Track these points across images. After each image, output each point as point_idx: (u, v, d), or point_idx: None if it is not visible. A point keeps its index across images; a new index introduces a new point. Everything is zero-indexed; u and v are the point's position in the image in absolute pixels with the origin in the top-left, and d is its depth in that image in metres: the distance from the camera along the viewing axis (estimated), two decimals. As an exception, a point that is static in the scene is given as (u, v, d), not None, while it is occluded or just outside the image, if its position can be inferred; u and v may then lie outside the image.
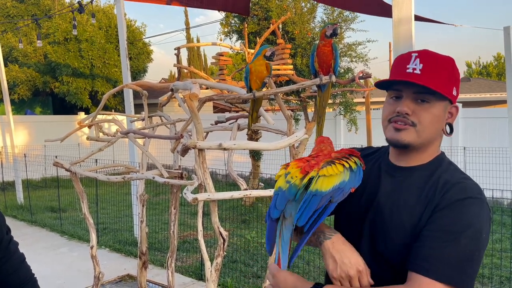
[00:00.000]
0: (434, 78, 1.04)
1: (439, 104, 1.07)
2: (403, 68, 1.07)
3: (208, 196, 2.11)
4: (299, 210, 1.07)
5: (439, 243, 0.97)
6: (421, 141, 1.08)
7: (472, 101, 16.05)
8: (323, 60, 2.00)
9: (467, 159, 8.16)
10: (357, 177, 1.13)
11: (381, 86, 1.14)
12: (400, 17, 2.62)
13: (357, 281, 1.02)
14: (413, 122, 1.06)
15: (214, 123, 3.05)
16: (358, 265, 1.03)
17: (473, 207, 1.00)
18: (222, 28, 8.77)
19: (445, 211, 1.00)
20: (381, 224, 1.10)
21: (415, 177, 1.10)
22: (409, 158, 1.13)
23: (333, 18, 7.99)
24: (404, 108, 1.06)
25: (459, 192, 1.02)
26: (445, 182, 1.05)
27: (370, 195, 1.15)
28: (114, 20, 14.85)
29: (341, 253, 1.05)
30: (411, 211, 1.05)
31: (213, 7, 7.03)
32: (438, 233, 0.99)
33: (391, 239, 1.07)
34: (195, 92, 1.98)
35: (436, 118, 1.07)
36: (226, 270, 4.63)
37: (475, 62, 29.17)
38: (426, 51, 1.09)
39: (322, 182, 1.08)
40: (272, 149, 2.19)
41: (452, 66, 1.09)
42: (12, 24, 14.48)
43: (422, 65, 1.05)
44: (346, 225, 1.20)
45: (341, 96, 8.16)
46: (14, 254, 1.34)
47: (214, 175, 10.57)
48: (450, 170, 1.10)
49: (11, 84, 14.33)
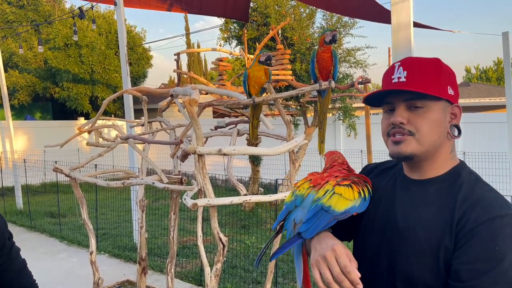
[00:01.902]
0: (421, 81, 1.00)
1: (435, 106, 1.01)
2: (389, 80, 1.05)
3: (208, 202, 2.11)
4: (308, 222, 1.04)
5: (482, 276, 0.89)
6: (425, 149, 1.02)
7: (472, 106, 16.09)
8: (322, 66, 2.01)
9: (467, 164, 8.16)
10: (365, 205, 1.10)
11: (372, 103, 1.11)
12: (399, 23, 2.64)
13: (334, 262, 0.93)
14: (410, 131, 1.01)
15: (214, 128, 3.06)
16: (334, 244, 0.96)
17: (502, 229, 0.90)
18: (222, 34, 8.81)
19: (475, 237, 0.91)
20: (398, 241, 1.03)
21: (431, 190, 1.03)
22: (421, 170, 1.06)
23: (332, 23, 8.03)
24: (397, 118, 1.02)
25: (480, 213, 0.93)
26: (465, 197, 0.97)
27: (386, 211, 1.10)
28: (114, 26, 14.91)
29: (321, 242, 1.01)
30: (428, 229, 0.98)
31: (213, 13, 7.07)
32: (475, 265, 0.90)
33: (408, 258, 1.00)
34: (195, 97, 1.98)
35: (435, 122, 1.01)
36: (225, 276, 4.62)
37: (475, 67, 29.27)
38: (408, 58, 1.06)
39: (337, 201, 1.05)
40: (272, 154, 2.19)
41: (438, 65, 1.04)
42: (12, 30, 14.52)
43: (406, 72, 1.02)
44: (361, 242, 1.15)
45: (340, 101, 8.19)
46: (16, 260, 1.34)
47: (214, 180, 10.56)
48: (470, 182, 1.01)
49: (11, 90, 14.36)
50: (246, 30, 7.59)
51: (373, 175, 1.22)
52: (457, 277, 0.92)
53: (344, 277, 0.91)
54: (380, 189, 1.14)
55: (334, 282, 0.91)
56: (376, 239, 1.09)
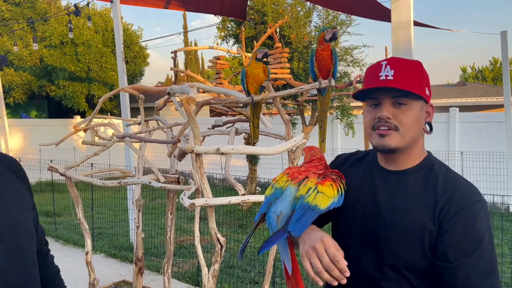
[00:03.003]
0: (407, 81, 1.10)
1: (416, 104, 1.12)
2: (376, 76, 1.12)
3: (206, 202, 2.07)
4: (298, 222, 1.11)
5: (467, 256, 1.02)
6: (406, 143, 1.12)
7: (468, 105, 16.12)
8: (322, 64, 1.98)
9: (464, 163, 8.16)
10: (342, 200, 1.20)
11: (357, 97, 1.19)
12: (399, 22, 2.61)
13: (324, 252, 1.01)
14: (396, 126, 1.11)
15: (211, 127, 3.02)
16: (322, 236, 1.05)
17: (480, 212, 1.06)
18: (219, 32, 8.76)
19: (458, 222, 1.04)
20: (384, 230, 1.12)
21: (409, 180, 1.15)
22: (398, 161, 1.17)
23: (328, 22, 8.00)
24: (385, 113, 1.11)
25: (461, 199, 1.06)
26: (444, 187, 1.10)
27: (368, 200, 1.18)
28: (110, 24, 14.81)
29: (309, 234, 1.09)
30: (412, 216, 1.09)
31: (210, 11, 7.03)
32: (461, 246, 1.03)
33: (396, 247, 1.09)
34: (192, 96, 1.95)
35: (416, 118, 1.12)
36: (223, 276, 4.59)
37: (471, 66, 29.31)
38: (394, 58, 1.15)
39: (322, 200, 1.14)
40: (270, 153, 2.16)
41: (421, 68, 1.15)
42: (8, 28, 14.41)
43: (393, 71, 1.10)
44: (346, 232, 1.22)
45: (338, 100, 8.16)
46: (50, 266, 1.39)
47: (211, 179, 10.53)
48: (442, 172, 1.15)
49: (6, 88, 14.25)
50: (243, 28, 7.55)
51: (347, 166, 1.32)
52: (446, 258, 1.04)
53: (333, 266, 0.99)
54: (357, 180, 1.24)
55: (324, 271, 1.00)
56: (360, 227, 1.18)
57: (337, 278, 0.99)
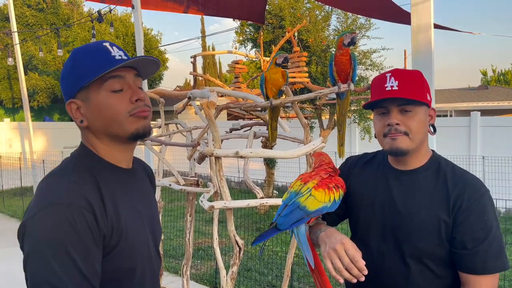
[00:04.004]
0: (410, 90, 1.23)
1: (420, 110, 1.25)
2: (382, 87, 1.25)
3: (225, 204, 2.10)
4: (284, 216, 1.29)
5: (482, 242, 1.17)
6: (415, 145, 1.25)
7: (490, 109, 15.78)
8: (341, 69, 1.99)
9: (486, 169, 8.00)
10: (335, 206, 1.32)
11: (367, 107, 1.33)
12: (419, 25, 2.60)
13: (344, 253, 1.11)
14: (405, 132, 1.23)
15: (229, 131, 3.06)
16: (342, 238, 1.15)
17: (488, 203, 1.21)
18: (237, 36, 8.82)
19: (472, 214, 1.19)
20: (403, 225, 1.24)
21: (421, 178, 1.27)
22: (408, 162, 1.29)
23: (347, 25, 7.97)
24: (393, 120, 1.23)
25: (472, 193, 1.21)
26: (454, 181, 1.24)
27: (384, 200, 1.30)
28: (131, 29, 15.08)
29: (330, 237, 1.19)
30: (428, 210, 1.22)
31: (229, 15, 7.10)
32: (475, 235, 1.18)
33: (416, 239, 1.22)
34: (213, 100, 1.98)
35: (421, 123, 1.25)
36: (240, 279, 4.61)
37: (493, 69, 28.67)
38: (397, 70, 1.27)
39: (312, 203, 1.28)
40: (289, 157, 2.17)
41: (421, 77, 1.28)
42: (32, 33, 14.82)
43: (397, 82, 1.23)
44: (365, 230, 1.34)
45: (355, 104, 8.11)
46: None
47: (228, 182, 10.58)
48: (449, 168, 1.28)
49: (30, 92, 14.65)
50: (261, 32, 7.59)
51: (359, 168, 1.43)
52: (463, 246, 1.19)
53: (353, 266, 1.09)
54: (371, 180, 1.36)
55: (344, 270, 1.10)
56: (379, 224, 1.30)
57: (357, 276, 1.09)
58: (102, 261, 0.94)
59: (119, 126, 1.00)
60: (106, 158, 1.04)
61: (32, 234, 0.88)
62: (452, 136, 8.60)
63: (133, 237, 1.00)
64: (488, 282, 1.18)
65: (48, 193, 0.92)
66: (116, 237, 0.96)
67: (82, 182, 0.95)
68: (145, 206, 1.10)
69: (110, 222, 0.95)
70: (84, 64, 0.99)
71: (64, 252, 0.86)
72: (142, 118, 1.02)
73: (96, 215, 0.92)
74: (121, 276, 0.99)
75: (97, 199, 0.94)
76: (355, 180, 1.40)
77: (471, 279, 1.19)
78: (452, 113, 17.13)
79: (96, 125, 1.01)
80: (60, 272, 0.85)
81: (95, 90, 0.99)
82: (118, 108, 0.99)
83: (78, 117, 1.02)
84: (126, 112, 0.99)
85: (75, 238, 0.88)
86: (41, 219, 0.88)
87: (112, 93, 0.99)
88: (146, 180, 1.20)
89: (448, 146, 8.31)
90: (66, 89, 1.02)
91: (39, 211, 0.89)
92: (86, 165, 1.00)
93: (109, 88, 0.99)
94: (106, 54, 0.99)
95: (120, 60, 1.00)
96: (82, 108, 1.01)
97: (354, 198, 1.38)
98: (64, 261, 0.86)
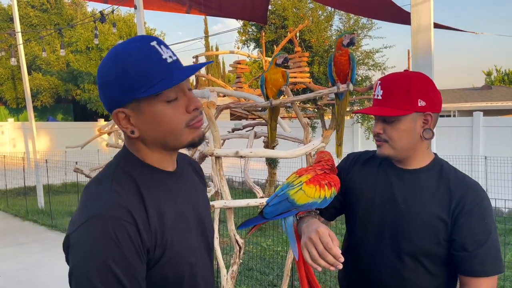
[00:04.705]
0: (393, 99, 1.24)
1: (405, 119, 1.24)
2: (374, 94, 1.29)
3: (225, 204, 2.12)
4: (272, 206, 1.30)
5: (481, 246, 1.19)
6: (398, 152, 1.27)
7: (494, 110, 15.72)
8: (340, 69, 2.00)
9: (488, 169, 7.98)
10: (325, 203, 1.32)
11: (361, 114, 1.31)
12: (419, 25, 2.60)
13: (318, 241, 1.09)
14: (385, 139, 1.27)
15: (231, 131, 3.07)
16: (318, 227, 1.13)
17: (488, 207, 1.24)
18: (240, 36, 8.84)
19: (473, 217, 1.21)
20: (402, 222, 1.26)
21: (423, 178, 1.29)
22: (407, 163, 1.31)
23: (349, 26, 7.97)
24: (375, 130, 1.29)
25: (474, 197, 1.23)
26: (456, 183, 1.26)
27: (384, 196, 1.31)
28: (134, 29, 15.14)
29: (308, 227, 1.18)
30: (429, 209, 1.24)
31: (231, 16, 7.11)
32: (476, 237, 1.20)
33: (414, 237, 1.24)
34: (213, 100, 2.00)
35: (405, 131, 1.25)
36: (241, 278, 4.62)
37: (497, 69, 28.54)
38: (386, 77, 1.28)
39: (300, 197, 1.29)
40: (289, 157, 2.19)
41: (408, 83, 1.24)
42: (36, 33, 14.89)
43: (382, 91, 1.26)
44: (363, 225, 1.35)
45: (358, 104, 8.11)
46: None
47: (230, 182, 10.59)
48: (451, 171, 1.30)
49: (34, 92, 14.72)
50: (264, 32, 7.60)
51: (360, 164, 1.44)
52: (463, 248, 1.20)
53: (327, 253, 1.07)
54: (371, 177, 1.37)
55: (319, 258, 1.08)
56: (378, 220, 1.30)
57: (333, 264, 1.07)
58: (147, 274, 0.90)
59: (176, 138, 0.94)
60: (152, 163, 0.97)
61: (75, 248, 0.86)
62: (454, 136, 8.58)
63: (178, 245, 0.95)
64: (487, 284, 1.20)
65: (89, 203, 0.89)
66: (161, 248, 0.91)
67: (123, 191, 0.89)
68: (193, 209, 1.04)
69: (154, 233, 0.90)
70: (135, 72, 0.88)
71: (106, 267, 0.83)
72: (198, 128, 0.96)
73: (139, 228, 0.87)
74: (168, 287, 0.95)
75: (140, 209, 0.89)
76: (356, 175, 1.41)
77: (470, 281, 1.21)
78: (455, 113, 17.08)
79: (149, 137, 0.94)
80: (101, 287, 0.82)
81: (148, 101, 0.90)
82: (175, 120, 0.92)
83: (128, 128, 0.93)
84: (183, 124, 0.93)
85: (117, 253, 0.84)
86: (83, 233, 0.85)
87: (168, 103, 0.91)
88: (193, 178, 1.12)
89: (450, 146, 8.29)
90: (112, 98, 0.91)
91: (81, 224, 0.86)
92: (128, 171, 0.94)
93: (164, 98, 0.90)
94: (158, 57, 0.89)
95: (172, 64, 0.91)
96: (132, 118, 0.92)
97: (354, 192, 1.39)
98: (107, 277, 0.83)
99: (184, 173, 1.07)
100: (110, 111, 0.95)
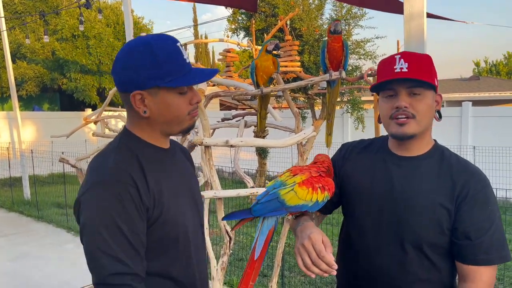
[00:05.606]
0: (420, 72, 1.19)
1: (428, 94, 1.21)
2: (391, 69, 1.21)
3: (215, 194, 2.07)
4: (261, 204, 1.25)
5: (486, 233, 1.15)
6: (422, 130, 1.22)
7: (482, 100, 15.87)
8: (333, 56, 1.96)
9: (477, 159, 8.05)
10: (317, 207, 1.26)
11: (374, 89, 1.27)
12: (411, 13, 2.56)
13: (311, 248, 1.07)
14: (413, 114, 1.19)
15: (221, 120, 3.02)
16: (311, 233, 1.11)
17: (491, 194, 1.20)
18: (229, 24, 8.72)
19: (476, 204, 1.17)
20: (403, 211, 1.21)
21: (423, 165, 1.24)
22: (411, 148, 1.26)
23: (341, 15, 7.91)
24: (402, 103, 1.19)
25: (477, 183, 1.19)
26: (459, 169, 1.22)
27: (383, 185, 1.26)
28: (122, 17, 14.86)
29: (302, 232, 1.16)
30: (430, 197, 1.19)
31: (220, 3, 6.98)
32: (480, 225, 1.16)
33: (417, 226, 1.19)
34: (201, 88, 1.94)
35: (429, 107, 1.21)
36: (232, 269, 4.61)
37: (484, 60, 28.80)
38: (406, 52, 1.24)
39: (291, 198, 1.23)
40: (279, 146, 2.15)
41: (430, 61, 1.24)
42: (20, 21, 14.54)
43: (407, 64, 1.19)
44: (363, 215, 1.29)
45: (348, 94, 8.09)
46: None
47: (220, 172, 10.55)
48: (452, 158, 1.26)
49: (19, 81, 14.42)
50: (254, 21, 7.50)
51: (356, 153, 1.39)
52: (467, 236, 1.16)
53: (320, 261, 1.05)
54: (369, 165, 1.32)
55: (313, 266, 1.06)
56: (378, 210, 1.25)
57: (326, 271, 1.05)
58: (147, 232, 1.05)
59: (179, 124, 1.12)
60: (150, 141, 1.13)
61: (85, 208, 1.01)
62: (443, 126, 8.62)
63: (174, 210, 1.10)
64: (489, 273, 1.16)
65: (97, 171, 1.05)
66: (158, 209, 1.06)
67: (126, 160, 1.05)
68: (186, 183, 1.21)
69: (152, 196, 1.05)
70: (166, 64, 1.04)
71: (113, 223, 0.98)
72: (195, 116, 1.15)
73: (139, 190, 1.02)
74: (165, 245, 1.10)
75: (140, 175, 1.04)
76: (351, 165, 1.36)
77: (472, 270, 1.17)
78: (444, 103, 17.21)
79: (158, 119, 1.10)
80: (110, 240, 0.98)
81: (167, 90, 1.07)
82: (182, 109, 1.10)
83: (142, 108, 1.07)
84: (186, 113, 1.11)
85: (122, 211, 0.99)
86: (92, 195, 1.01)
87: (179, 94, 1.09)
88: (184, 160, 1.29)
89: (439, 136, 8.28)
90: (136, 80, 1.05)
91: (89, 188, 1.02)
92: (129, 146, 1.10)
93: (178, 91, 1.08)
94: (182, 56, 1.07)
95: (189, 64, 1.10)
96: (147, 100, 1.07)
97: (351, 183, 1.34)
98: (113, 231, 0.99)
99: (176, 153, 1.24)
100: (125, 90, 1.08)
